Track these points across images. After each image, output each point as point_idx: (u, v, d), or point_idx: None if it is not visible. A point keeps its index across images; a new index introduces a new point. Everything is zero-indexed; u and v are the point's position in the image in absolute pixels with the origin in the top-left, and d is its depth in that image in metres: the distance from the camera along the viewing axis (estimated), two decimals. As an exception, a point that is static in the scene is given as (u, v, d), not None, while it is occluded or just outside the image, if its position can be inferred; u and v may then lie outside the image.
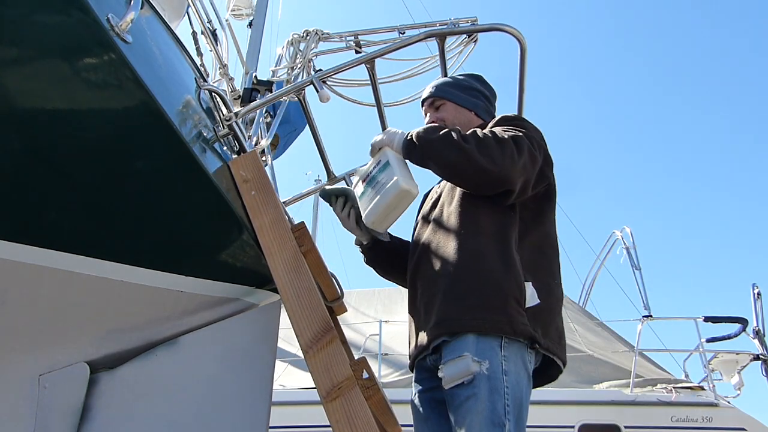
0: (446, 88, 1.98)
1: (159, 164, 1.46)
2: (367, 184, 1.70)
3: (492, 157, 1.58)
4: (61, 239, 1.40)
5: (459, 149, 1.59)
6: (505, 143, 1.61)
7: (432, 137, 1.66)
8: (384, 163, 1.68)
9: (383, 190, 1.64)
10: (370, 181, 1.69)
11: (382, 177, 1.66)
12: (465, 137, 1.62)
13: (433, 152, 1.66)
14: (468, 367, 1.48)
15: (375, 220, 1.67)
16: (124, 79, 1.28)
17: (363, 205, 1.70)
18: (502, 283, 1.57)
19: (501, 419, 1.44)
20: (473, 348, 1.50)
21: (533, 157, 1.65)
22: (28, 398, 1.51)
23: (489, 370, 1.48)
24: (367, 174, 1.71)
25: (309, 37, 3.29)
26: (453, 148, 1.61)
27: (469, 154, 1.58)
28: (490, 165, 1.58)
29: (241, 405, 1.67)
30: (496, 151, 1.59)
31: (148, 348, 1.66)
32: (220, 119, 1.78)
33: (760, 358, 5.29)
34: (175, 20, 2.47)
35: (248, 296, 1.84)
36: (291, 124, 3.68)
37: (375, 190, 1.66)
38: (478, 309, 1.53)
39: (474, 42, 2.94)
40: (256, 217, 1.63)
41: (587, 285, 7.53)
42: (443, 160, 1.65)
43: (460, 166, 1.63)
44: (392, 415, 1.59)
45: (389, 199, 1.63)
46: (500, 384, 1.47)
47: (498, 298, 1.55)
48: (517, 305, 1.55)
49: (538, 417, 4.66)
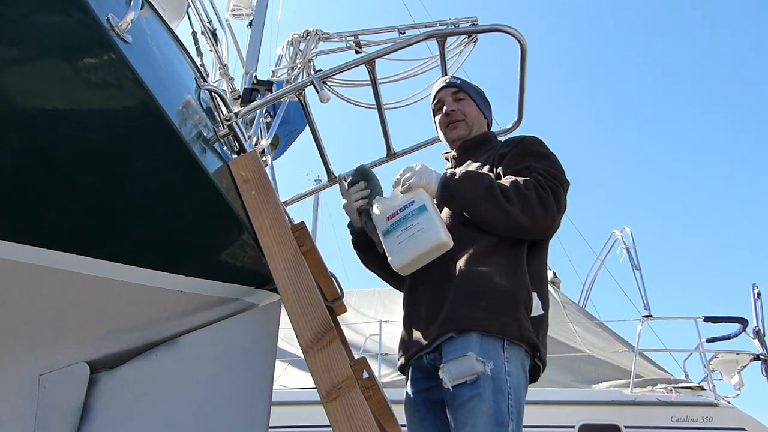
0: (470, 86, 1.99)
1: (159, 164, 1.46)
2: (397, 223, 1.64)
3: (535, 217, 1.61)
4: (61, 239, 1.40)
5: (502, 209, 1.59)
6: (547, 203, 1.62)
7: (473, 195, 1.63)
8: (419, 206, 1.63)
9: (419, 237, 1.59)
10: (402, 221, 1.64)
11: (418, 222, 1.61)
12: (507, 193, 1.61)
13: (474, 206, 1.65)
14: (472, 367, 1.48)
15: (405, 265, 1.63)
16: (124, 79, 1.27)
17: (390, 245, 1.65)
18: (515, 289, 1.59)
19: (505, 419, 1.45)
20: (477, 348, 1.50)
21: (566, 206, 1.69)
22: (28, 398, 1.51)
23: (493, 371, 1.48)
24: (397, 211, 1.66)
25: (309, 37, 3.29)
26: (496, 207, 1.60)
27: (512, 216, 1.60)
28: (531, 224, 1.62)
29: (241, 405, 1.67)
30: (539, 210, 1.61)
31: (148, 348, 1.66)
32: (220, 119, 1.78)
33: (760, 358, 5.28)
34: (175, 20, 2.47)
35: (248, 296, 1.84)
36: (291, 124, 3.68)
37: (408, 233, 1.61)
38: (490, 310, 1.55)
39: (474, 42, 2.94)
40: (256, 217, 1.63)
41: (587, 285, 7.54)
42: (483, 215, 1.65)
43: (502, 225, 1.63)
44: (392, 415, 1.59)
45: (425, 248, 1.59)
46: (504, 385, 1.48)
47: (510, 303, 1.57)
48: (525, 312, 1.58)
49: (538, 417, 4.67)
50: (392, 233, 1.65)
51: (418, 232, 1.60)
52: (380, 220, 1.70)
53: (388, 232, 1.67)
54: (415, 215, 1.62)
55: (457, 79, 2.00)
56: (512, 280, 1.60)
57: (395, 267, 1.65)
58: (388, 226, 1.67)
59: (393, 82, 3.14)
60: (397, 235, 1.64)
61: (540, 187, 1.63)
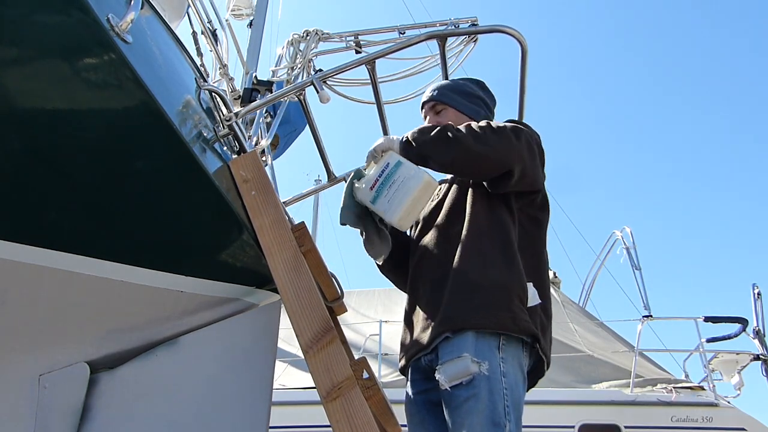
0: (448, 93, 1.96)
1: (159, 164, 1.46)
2: (380, 187, 1.69)
3: (488, 143, 1.62)
4: (61, 239, 1.40)
5: (455, 142, 1.63)
6: (501, 129, 1.66)
7: (427, 137, 1.68)
8: (395, 163, 1.70)
9: (405, 186, 1.65)
10: (384, 182, 1.69)
11: (399, 175, 1.67)
12: (459, 129, 1.66)
13: (431, 149, 1.68)
14: (467, 368, 1.48)
15: (402, 215, 1.67)
16: (124, 79, 1.27)
17: (381, 206, 1.69)
18: (507, 282, 1.59)
19: (502, 420, 1.45)
20: (472, 348, 1.50)
21: (530, 145, 1.69)
22: (28, 398, 1.51)
23: (488, 371, 1.48)
24: (376, 178, 1.70)
25: (309, 37, 3.29)
26: (449, 142, 1.64)
27: (465, 144, 1.62)
28: (486, 150, 1.62)
29: (241, 405, 1.67)
30: (491, 136, 1.63)
31: (148, 348, 1.66)
32: (220, 119, 1.78)
33: (760, 358, 5.28)
34: (175, 20, 2.47)
35: (248, 296, 1.84)
36: (291, 124, 3.68)
37: (393, 188, 1.67)
38: (485, 306, 1.55)
39: (474, 42, 2.94)
40: (256, 217, 1.63)
41: (587, 285, 7.54)
42: (441, 157, 1.68)
43: (459, 158, 1.66)
44: (392, 415, 1.59)
45: (414, 192, 1.65)
46: (500, 385, 1.48)
47: (503, 296, 1.57)
48: (520, 303, 1.57)
49: (538, 417, 4.67)
50: (379, 197, 1.70)
51: (402, 183, 1.66)
52: (365, 194, 1.74)
53: (375, 199, 1.71)
54: (395, 172, 1.69)
55: (435, 90, 1.98)
56: (505, 272, 1.60)
57: (394, 222, 1.68)
58: (373, 194, 1.71)
59: (393, 81, 3.14)
60: (384, 195, 1.69)
61: (494, 124, 1.68)
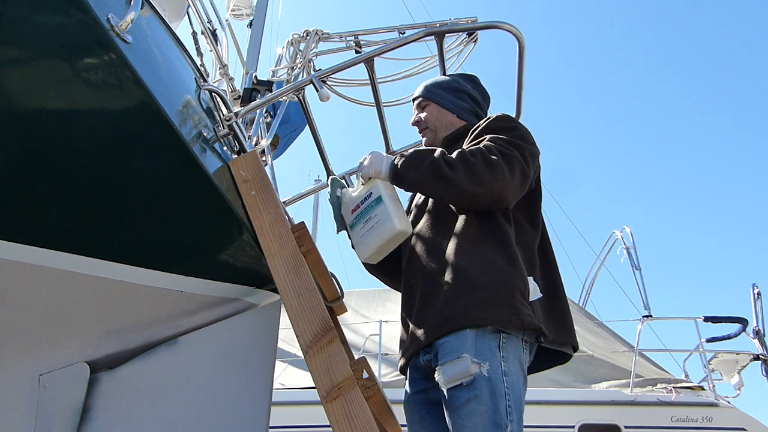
0: (432, 89, 1.99)
1: (159, 164, 1.46)
2: (359, 217, 1.70)
3: (482, 182, 1.57)
4: (61, 239, 1.40)
5: (446, 181, 1.58)
6: (495, 165, 1.58)
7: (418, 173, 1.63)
8: (376, 197, 1.67)
9: (377, 228, 1.64)
10: (362, 214, 1.69)
11: (375, 214, 1.65)
12: (452, 164, 1.60)
13: (422, 186, 1.67)
14: (467, 369, 1.47)
15: (369, 256, 1.69)
16: (124, 79, 1.27)
17: (355, 238, 1.71)
18: (508, 276, 1.57)
19: (504, 420, 1.44)
20: (472, 349, 1.49)
21: (525, 173, 1.64)
22: (28, 398, 1.51)
23: (489, 372, 1.47)
24: (358, 204, 1.71)
25: (309, 37, 3.29)
26: (442, 181, 1.59)
27: (458, 186, 1.57)
28: (481, 190, 1.58)
29: (241, 405, 1.67)
30: (485, 175, 1.57)
31: (148, 348, 1.66)
32: (220, 119, 1.78)
33: (760, 358, 5.28)
34: (175, 20, 2.48)
35: (248, 296, 1.84)
36: (291, 124, 3.68)
37: (368, 225, 1.66)
38: (485, 303, 1.53)
39: (474, 42, 2.94)
40: (256, 217, 1.63)
41: (587, 285, 7.53)
42: (432, 192, 1.68)
43: (451, 198, 1.65)
44: (392, 415, 1.59)
45: (384, 239, 1.64)
46: (501, 385, 1.47)
47: (505, 291, 1.55)
48: (522, 298, 1.56)
49: (538, 417, 4.67)
50: (356, 226, 1.71)
51: (376, 224, 1.65)
52: (346, 213, 1.75)
53: (353, 225, 1.72)
54: (373, 207, 1.67)
55: (422, 87, 2.01)
56: (505, 268, 1.57)
57: (361, 259, 1.71)
58: (352, 219, 1.73)
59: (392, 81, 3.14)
60: (359, 227, 1.69)
61: (486, 152, 1.60)
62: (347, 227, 1.75)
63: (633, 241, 6.24)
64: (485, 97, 2.04)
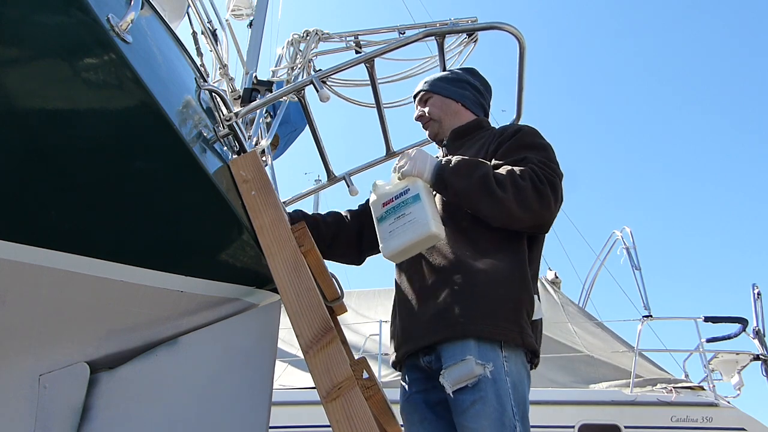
0: (433, 81, 2.00)
1: (159, 164, 1.46)
2: (391, 211, 1.64)
3: (532, 209, 1.55)
4: (61, 239, 1.39)
5: (495, 199, 1.55)
6: (544, 194, 1.56)
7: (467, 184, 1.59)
8: (414, 195, 1.62)
9: (410, 226, 1.58)
10: (395, 209, 1.63)
11: (411, 211, 1.60)
12: (502, 183, 1.56)
13: (467, 198, 1.61)
14: (472, 370, 1.47)
15: (395, 253, 1.62)
16: (124, 79, 1.27)
17: (382, 232, 1.65)
18: (518, 294, 1.56)
19: (511, 421, 1.44)
20: (475, 351, 1.49)
21: (562, 200, 1.64)
22: (28, 398, 1.50)
23: (493, 373, 1.47)
24: (392, 198, 1.65)
25: (309, 37, 3.29)
26: (489, 197, 1.55)
27: (506, 205, 1.54)
28: (529, 216, 1.56)
29: (241, 405, 1.67)
30: (536, 203, 1.55)
31: (148, 348, 1.66)
32: (220, 119, 1.78)
33: (760, 358, 5.29)
34: (175, 20, 2.47)
35: (248, 296, 1.84)
36: (291, 124, 3.69)
37: (400, 221, 1.60)
38: (492, 317, 1.52)
39: (474, 42, 2.94)
40: (256, 217, 1.63)
41: (587, 285, 7.55)
42: (477, 206, 1.61)
43: (495, 215, 1.59)
44: (392, 415, 1.59)
45: (416, 238, 1.57)
46: (505, 385, 1.47)
47: (513, 308, 1.55)
48: (527, 317, 1.56)
49: (538, 417, 4.66)
50: (385, 220, 1.65)
51: (409, 221, 1.59)
52: (376, 206, 1.70)
53: (382, 219, 1.66)
54: (409, 204, 1.61)
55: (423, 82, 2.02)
56: (516, 283, 1.57)
57: (385, 255, 1.64)
58: (382, 212, 1.67)
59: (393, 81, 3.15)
60: (389, 222, 1.63)
61: (536, 177, 1.58)
62: (375, 220, 1.69)
63: (633, 241, 6.25)
64: (486, 88, 2.05)
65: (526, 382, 1.55)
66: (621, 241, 6.38)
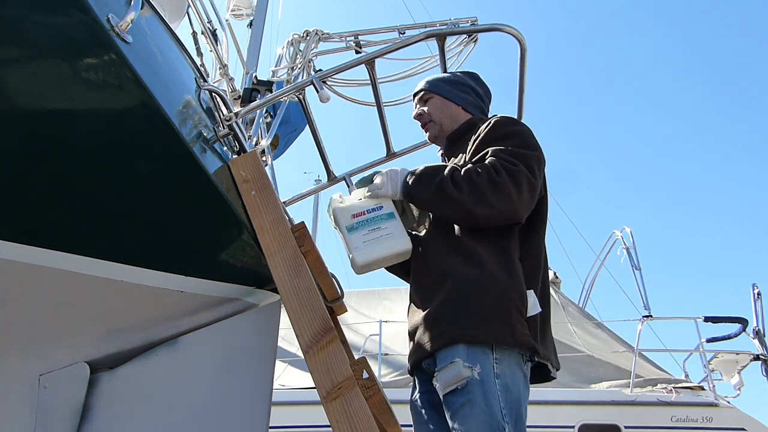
0: (435, 82, 1.99)
1: (159, 164, 1.46)
2: (363, 223, 1.72)
3: (489, 204, 1.56)
4: (61, 239, 1.39)
5: (451, 201, 1.59)
6: (501, 185, 1.56)
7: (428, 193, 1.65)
8: (389, 213, 1.73)
9: (388, 240, 1.70)
10: (369, 222, 1.72)
11: (387, 227, 1.71)
12: (458, 184, 1.59)
13: (431, 206, 1.71)
14: (459, 373, 1.47)
15: (367, 263, 1.70)
16: (124, 79, 1.27)
17: (354, 241, 1.71)
18: (506, 292, 1.55)
19: (500, 423, 1.43)
20: (464, 354, 1.49)
21: (532, 186, 1.62)
22: (28, 398, 1.51)
23: (481, 375, 1.46)
24: (363, 211, 1.74)
25: (309, 37, 3.30)
26: (446, 200, 1.61)
27: (465, 208, 1.58)
28: (488, 212, 1.57)
29: (241, 405, 1.67)
30: (492, 196, 1.56)
31: (148, 348, 1.66)
32: (220, 119, 1.78)
33: (760, 358, 5.29)
34: (175, 20, 2.47)
35: (248, 296, 1.84)
36: (291, 124, 3.68)
37: (376, 234, 1.70)
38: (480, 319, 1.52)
39: (474, 42, 2.94)
40: (256, 218, 1.63)
41: (587, 285, 7.55)
42: (440, 213, 1.70)
43: (455, 216, 1.65)
44: (392, 415, 1.59)
45: (393, 251, 1.70)
46: (493, 387, 1.46)
47: (501, 308, 1.53)
48: (519, 315, 1.54)
49: (538, 417, 4.67)
50: (357, 231, 1.72)
51: (387, 235, 1.70)
52: (344, 215, 1.75)
53: (352, 229, 1.73)
54: (384, 220, 1.72)
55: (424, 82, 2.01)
56: (503, 282, 1.56)
57: (356, 264, 1.70)
58: (353, 223, 1.74)
59: (393, 81, 3.15)
60: (363, 233, 1.71)
61: (493, 170, 1.58)
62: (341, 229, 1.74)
63: (633, 241, 6.25)
64: (487, 93, 2.04)
65: (522, 382, 1.53)
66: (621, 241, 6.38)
